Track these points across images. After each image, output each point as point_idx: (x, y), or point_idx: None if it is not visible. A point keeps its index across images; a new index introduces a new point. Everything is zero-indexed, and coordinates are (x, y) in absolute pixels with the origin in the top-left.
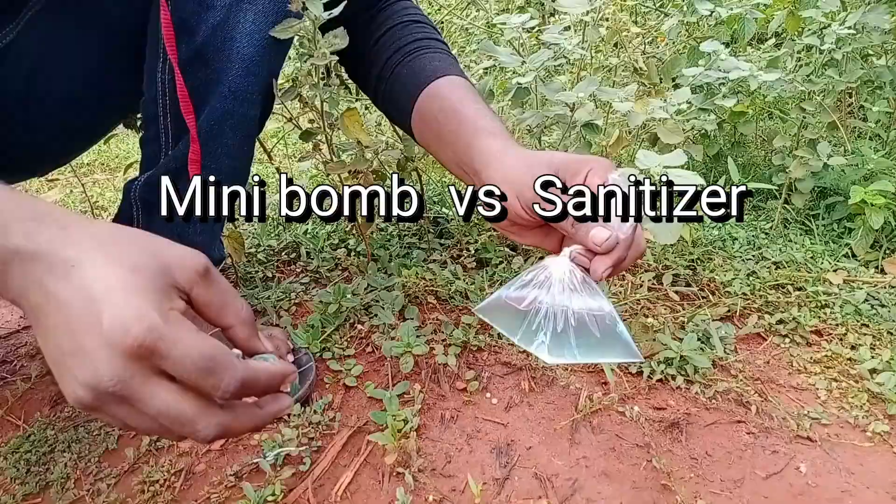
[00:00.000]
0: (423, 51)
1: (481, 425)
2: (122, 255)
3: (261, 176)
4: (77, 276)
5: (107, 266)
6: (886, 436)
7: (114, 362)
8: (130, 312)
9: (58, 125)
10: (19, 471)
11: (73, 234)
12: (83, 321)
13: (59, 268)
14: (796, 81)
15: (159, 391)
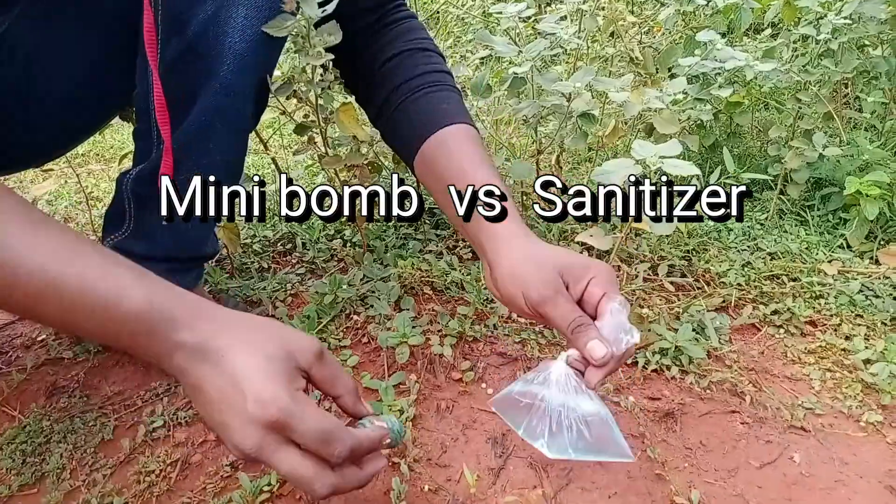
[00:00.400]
0: (430, 88)
1: (477, 415)
2: (258, 345)
3: (256, 168)
4: (226, 363)
5: (248, 356)
6: (880, 426)
7: (254, 434)
8: (267, 395)
9: (57, 121)
10: (15, 461)
11: (221, 328)
12: (231, 400)
13: (212, 356)
14: (792, 72)
15: (287, 457)
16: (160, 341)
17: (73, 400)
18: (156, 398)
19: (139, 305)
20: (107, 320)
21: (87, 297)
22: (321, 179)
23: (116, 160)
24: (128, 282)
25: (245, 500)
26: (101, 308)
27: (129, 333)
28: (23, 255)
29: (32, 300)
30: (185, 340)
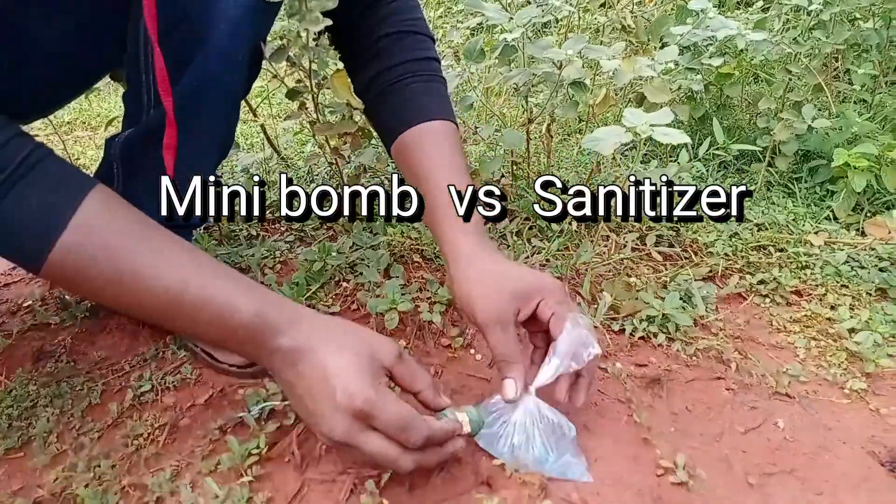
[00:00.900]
0: (415, 77)
1: (466, 381)
2: (346, 345)
3: (245, 136)
4: (318, 361)
5: (337, 355)
6: (864, 393)
7: (342, 421)
8: (353, 388)
9: (43, 77)
10: (1, 426)
11: (315, 332)
12: (322, 393)
13: (306, 356)
14: (783, 43)
15: (373, 440)
16: (263, 346)
17: (59, 365)
18: (143, 363)
19: (248, 315)
20: (221, 328)
21: (205, 310)
22: (310, 147)
23: (102, 127)
24: (239, 295)
25: (234, 463)
26: (218, 318)
27: (238, 341)
28: (149, 279)
29: (161, 313)
30: (283, 345)
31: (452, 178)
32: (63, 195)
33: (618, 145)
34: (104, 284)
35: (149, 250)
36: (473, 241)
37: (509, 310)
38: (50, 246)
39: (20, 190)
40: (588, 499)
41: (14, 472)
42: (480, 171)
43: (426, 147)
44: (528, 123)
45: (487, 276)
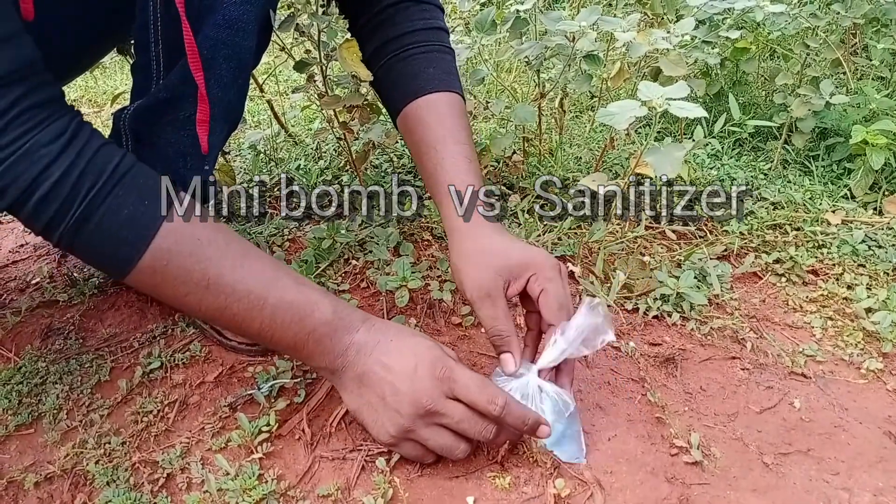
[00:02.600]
0: (419, 48)
1: (476, 359)
2: (419, 336)
3: (252, 112)
4: (395, 345)
5: (413, 340)
6: (880, 373)
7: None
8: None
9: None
10: (11, 402)
11: (388, 327)
12: (404, 369)
13: (382, 342)
14: (801, 17)
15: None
16: (339, 340)
17: (68, 342)
18: (153, 340)
19: (327, 315)
20: (301, 329)
21: (286, 312)
22: (318, 124)
23: (108, 104)
24: (317, 297)
25: (244, 440)
26: (298, 319)
27: (316, 339)
28: (234, 283)
29: (242, 317)
30: (359, 338)
31: (454, 152)
32: (153, 203)
33: (633, 120)
34: (191, 289)
35: (233, 256)
36: (471, 220)
37: (497, 284)
38: (143, 251)
39: (114, 199)
40: (601, 478)
41: (25, 448)
42: (491, 148)
43: (429, 120)
44: (541, 98)
45: (478, 251)
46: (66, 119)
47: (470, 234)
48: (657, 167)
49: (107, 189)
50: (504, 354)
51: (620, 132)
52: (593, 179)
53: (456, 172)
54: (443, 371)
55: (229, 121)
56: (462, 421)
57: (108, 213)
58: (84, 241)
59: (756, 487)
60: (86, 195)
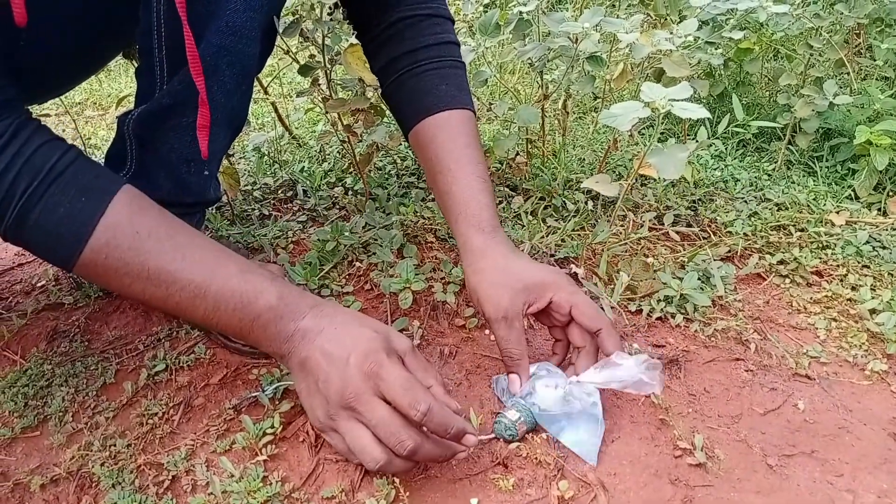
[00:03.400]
0: (431, 63)
1: (480, 361)
2: (366, 324)
3: (256, 115)
4: (336, 333)
5: (357, 328)
6: (885, 374)
7: (353, 378)
8: (369, 349)
9: (55, 48)
10: (17, 404)
11: (337, 314)
12: (338, 356)
13: (326, 330)
14: (804, 17)
15: (379, 405)
16: (285, 327)
17: (74, 344)
18: (157, 342)
19: (271, 301)
20: (245, 315)
21: (230, 299)
22: (322, 126)
23: (113, 108)
24: (263, 284)
25: (248, 442)
26: (242, 305)
27: (262, 325)
28: (175, 273)
29: (185, 305)
30: (305, 325)
31: (468, 172)
32: (91, 199)
33: (636, 121)
34: (132, 281)
35: (174, 247)
36: (486, 238)
37: (516, 305)
38: (81, 248)
39: (50, 198)
40: (605, 479)
41: (31, 451)
42: (495, 150)
43: (442, 138)
44: (544, 100)
45: (495, 271)
46: (7, 120)
47: (486, 254)
48: (661, 168)
49: (42, 188)
50: (512, 375)
51: (624, 133)
52: (597, 181)
53: (471, 193)
54: (371, 366)
55: (232, 126)
56: (379, 425)
57: (45, 212)
58: (25, 238)
59: (760, 489)
60: (21, 195)
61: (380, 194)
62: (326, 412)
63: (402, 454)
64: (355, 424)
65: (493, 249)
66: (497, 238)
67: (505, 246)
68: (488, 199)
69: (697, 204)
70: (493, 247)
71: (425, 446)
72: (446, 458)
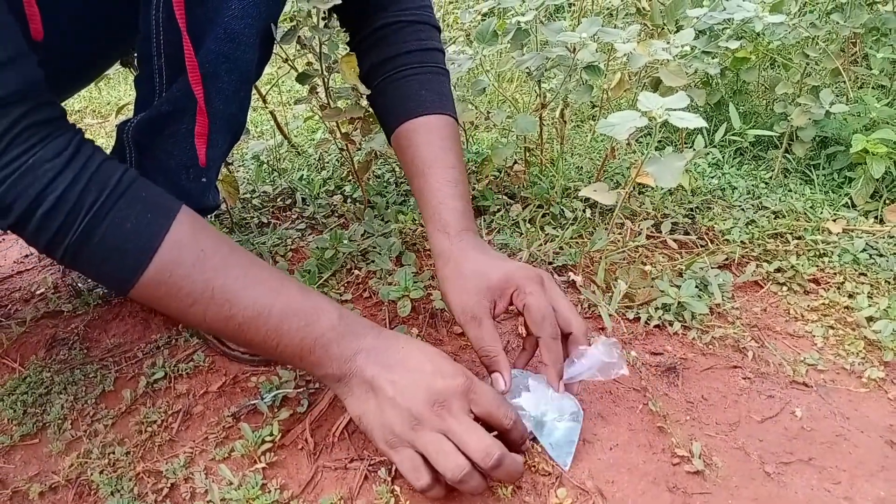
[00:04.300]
0: (413, 69)
1: (479, 369)
2: (428, 348)
3: (255, 123)
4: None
5: (423, 347)
6: (882, 382)
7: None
8: (453, 368)
9: (54, 56)
10: (16, 412)
11: (396, 336)
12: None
13: (393, 348)
14: (800, 27)
15: (468, 417)
16: (347, 346)
17: (73, 352)
18: (156, 350)
19: (333, 320)
20: (307, 334)
21: (293, 318)
22: (321, 134)
23: (112, 115)
24: (323, 304)
25: (247, 450)
26: (304, 325)
27: (324, 344)
28: (239, 292)
29: (247, 325)
30: (370, 344)
31: (441, 176)
32: (157, 215)
33: (633, 130)
34: (196, 299)
35: (238, 266)
36: (450, 241)
37: (482, 305)
38: (147, 263)
39: (118, 212)
40: (603, 487)
41: (30, 458)
42: (493, 158)
43: (419, 142)
44: (542, 109)
45: (459, 275)
46: (68, 136)
47: (452, 257)
48: (658, 177)
49: (110, 203)
50: (494, 374)
51: (621, 142)
52: (594, 189)
53: (442, 197)
54: (464, 382)
55: (231, 133)
56: (467, 432)
57: (112, 227)
58: (88, 255)
59: (757, 497)
60: (89, 209)
61: (378, 202)
62: (409, 423)
63: (489, 464)
64: (437, 435)
65: (457, 253)
66: (463, 241)
67: (470, 247)
68: (457, 202)
69: (695, 212)
70: (457, 251)
71: (508, 459)
72: (517, 478)
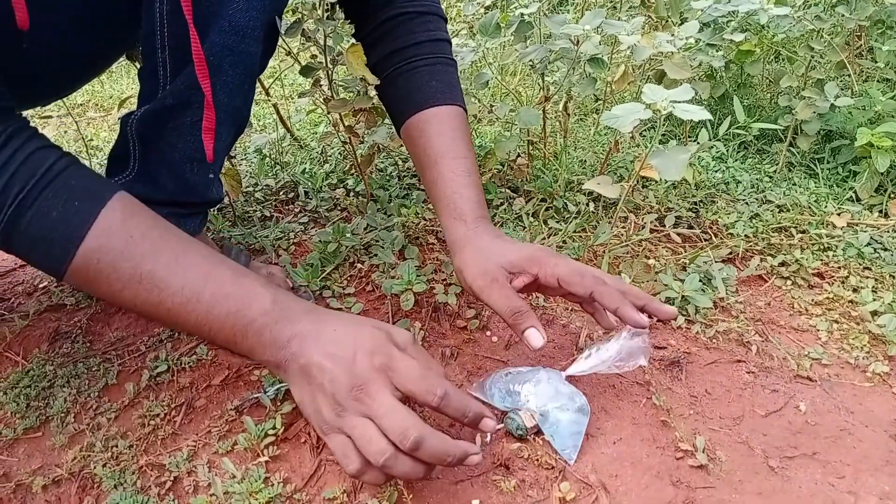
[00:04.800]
0: (422, 60)
1: (482, 362)
2: (364, 322)
3: (258, 116)
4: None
5: (357, 326)
6: (886, 376)
7: (363, 370)
8: (376, 343)
9: (58, 51)
10: (19, 405)
11: (333, 316)
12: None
13: (329, 335)
14: (805, 19)
15: (389, 396)
16: (280, 332)
17: (76, 345)
18: (159, 344)
19: (266, 305)
20: (238, 321)
21: (223, 304)
22: (324, 128)
23: (115, 109)
24: (257, 288)
25: (250, 443)
26: (235, 310)
27: (256, 330)
28: (167, 278)
29: (177, 311)
30: (304, 329)
31: (454, 166)
32: (84, 203)
33: (637, 122)
34: (124, 286)
35: (168, 251)
36: (467, 228)
37: (501, 272)
38: (73, 252)
39: (43, 202)
40: (606, 481)
41: (33, 452)
42: (496, 151)
43: (430, 133)
44: (545, 102)
45: (478, 256)
46: (2, 126)
47: (469, 242)
48: (662, 170)
49: (36, 192)
50: (528, 330)
51: (625, 135)
52: (598, 182)
53: (456, 186)
54: (380, 359)
55: (235, 126)
56: (385, 415)
57: (37, 216)
58: (17, 244)
59: (761, 491)
60: (14, 198)
61: (381, 196)
62: (334, 410)
63: (406, 447)
64: (362, 419)
65: (474, 239)
66: (479, 228)
67: (487, 233)
68: (471, 191)
69: (699, 206)
70: (474, 236)
71: (431, 440)
72: (456, 459)
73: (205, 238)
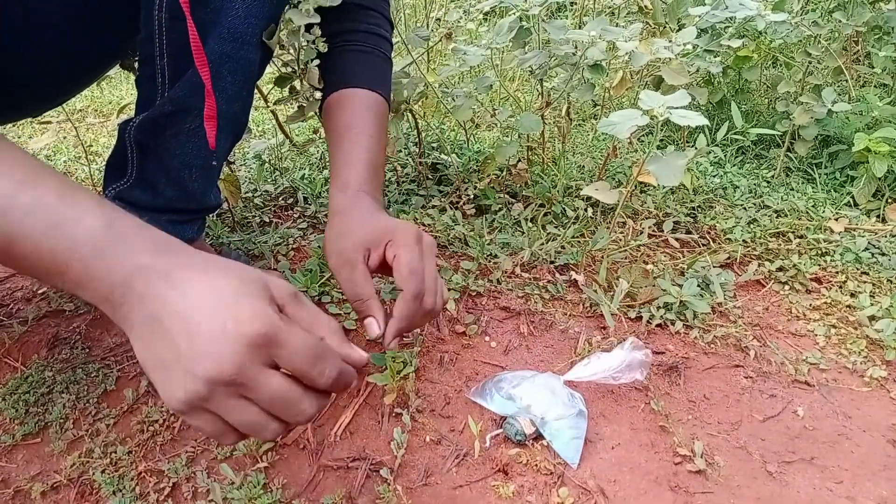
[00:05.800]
0: (357, 46)
1: (480, 368)
2: (232, 269)
3: (256, 122)
4: (198, 283)
5: (223, 276)
6: (884, 381)
7: (237, 351)
8: (252, 311)
9: (54, 56)
10: (18, 411)
11: (189, 258)
12: (216, 320)
13: (179, 283)
14: (803, 25)
15: (272, 378)
16: (114, 264)
17: (74, 351)
18: None
19: (95, 227)
20: (58, 242)
21: (41, 218)
22: (322, 133)
23: (114, 115)
24: (88, 205)
25: (249, 449)
26: (55, 228)
27: (81, 258)
28: None
29: None
30: (147, 263)
31: (352, 142)
32: None
33: (634, 128)
34: None
35: None
36: (347, 198)
37: (357, 252)
38: None
39: None
40: (605, 486)
41: (32, 458)
42: (496, 156)
43: (344, 109)
44: (546, 107)
45: (345, 227)
46: None
47: (342, 212)
48: (660, 176)
49: None
50: (367, 320)
51: (623, 141)
52: (596, 188)
53: (351, 160)
54: (258, 332)
55: (233, 132)
56: (276, 401)
57: None
58: None
59: (760, 496)
60: None
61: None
62: (192, 391)
63: (301, 422)
64: (238, 401)
65: (350, 209)
66: (357, 199)
67: (363, 205)
68: (363, 166)
69: (697, 211)
70: (350, 206)
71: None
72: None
73: (203, 244)
